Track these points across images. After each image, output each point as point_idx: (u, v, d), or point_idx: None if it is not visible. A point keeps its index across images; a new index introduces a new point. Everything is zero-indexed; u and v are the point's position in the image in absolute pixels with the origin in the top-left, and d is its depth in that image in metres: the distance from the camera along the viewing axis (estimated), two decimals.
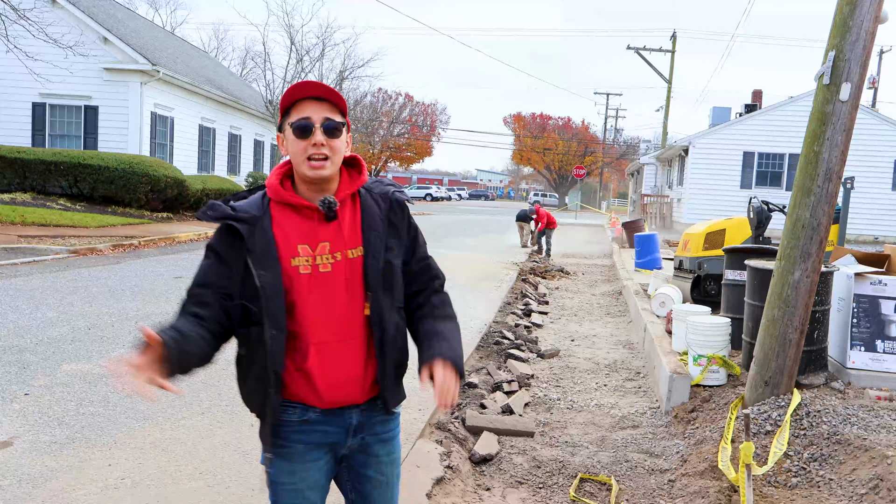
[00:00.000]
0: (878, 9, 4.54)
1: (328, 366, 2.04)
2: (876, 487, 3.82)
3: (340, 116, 2.05)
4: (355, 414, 2.13)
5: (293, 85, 2.04)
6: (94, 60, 21.18)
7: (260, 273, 1.99)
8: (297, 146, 2.01)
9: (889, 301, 5.37)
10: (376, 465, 2.22)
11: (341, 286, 2.05)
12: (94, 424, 4.79)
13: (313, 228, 2.05)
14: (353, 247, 2.07)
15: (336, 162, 2.05)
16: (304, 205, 2.05)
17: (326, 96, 2.03)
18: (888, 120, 27.30)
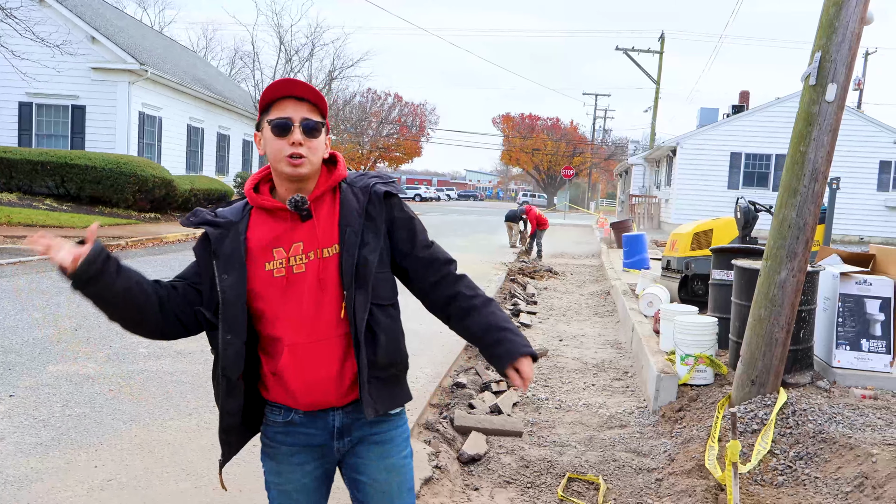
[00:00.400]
0: (863, 10, 4.58)
1: (301, 367, 2.00)
2: (861, 485, 3.85)
3: (320, 117, 2.03)
4: (338, 416, 2.08)
5: (273, 83, 2.01)
6: (82, 60, 21.07)
7: (222, 277, 1.98)
8: (276, 144, 1.98)
9: (874, 300, 5.41)
10: (368, 471, 2.12)
11: (313, 286, 2.00)
12: (80, 426, 4.76)
13: (287, 230, 2.02)
14: (327, 245, 2.02)
15: (314, 161, 2.01)
16: (277, 206, 2.02)
17: (306, 96, 2.01)
18: (874, 121, 27.54)
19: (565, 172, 48.88)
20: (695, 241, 9.47)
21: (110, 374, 5.91)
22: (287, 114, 1.98)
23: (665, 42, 38.84)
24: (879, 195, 27.16)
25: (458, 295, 2.13)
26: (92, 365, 6.14)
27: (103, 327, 7.48)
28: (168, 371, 6.10)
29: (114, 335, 7.18)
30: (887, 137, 27.00)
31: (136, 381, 5.77)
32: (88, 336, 7.10)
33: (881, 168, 27.07)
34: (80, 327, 7.43)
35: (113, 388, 5.57)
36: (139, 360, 6.36)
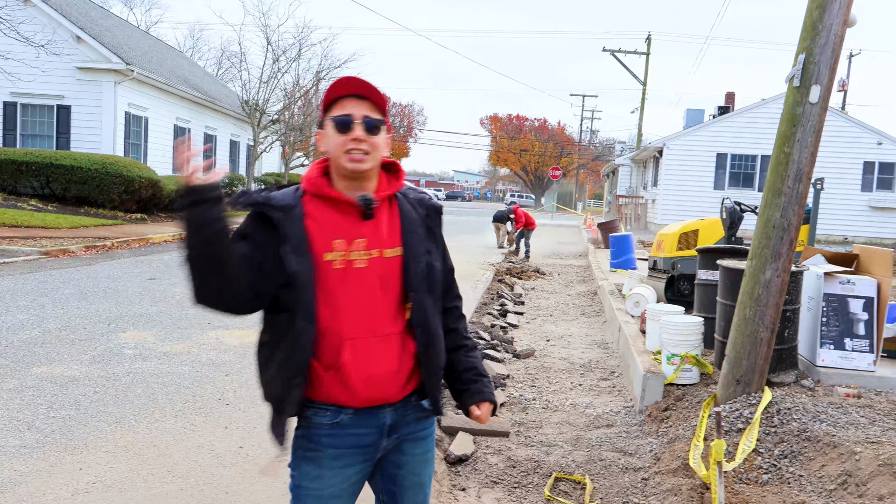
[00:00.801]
0: (846, 13, 4.62)
1: (362, 362, 2.01)
2: (844, 483, 3.88)
3: (380, 114, 2.07)
4: (389, 413, 2.10)
5: (336, 81, 2.07)
6: (67, 59, 20.92)
7: (293, 261, 1.97)
8: (337, 140, 2.03)
9: (857, 300, 5.46)
10: (409, 465, 2.19)
11: (376, 283, 2.04)
12: (65, 428, 4.73)
13: (350, 224, 2.05)
14: (390, 247, 2.07)
15: (375, 158, 2.06)
16: (343, 199, 2.05)
17: (368, 95, 2.06)
18: (858, 122, 27.77)
19: (553, 173, 48.98)
20: (681, 242, 9.52)
21: (95, 376, 5.87)
22: (349, 111, 2.03)
23: (652, 43, 39.05)
24: (863, 195, 27.41)
25: (456, 330, 2.28)
26: (77, 366, 6.10)
27: (88, 329, 7.43)
28: (154, 372, 6.07)
29: (98, 337, 7.13)
30: (871, 138, 27.24)
31: (121, 383, 5.74)
32: (73, 337, 7.05)
33: (865, 169, 27.32)
34: (65, 329, 7.38)
35: (98, 390, 5.53)
36: (125, 362, 6.33)
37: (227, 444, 4.65)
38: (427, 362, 2.10)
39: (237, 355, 6.76)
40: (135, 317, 8.15)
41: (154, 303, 8.99)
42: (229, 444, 4.65)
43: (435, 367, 2.13)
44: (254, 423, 5.02)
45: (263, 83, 30.13)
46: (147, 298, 9.24)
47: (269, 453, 4.52)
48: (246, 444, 4.64)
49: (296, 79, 33.37)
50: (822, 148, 5.05)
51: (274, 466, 4.26)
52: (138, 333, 7.40)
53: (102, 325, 7.66)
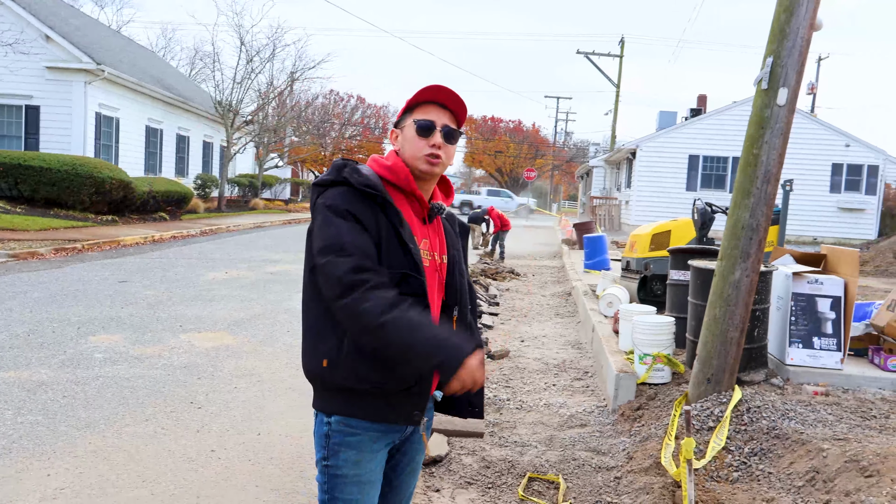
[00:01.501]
0: (812, 17, 4.69)
1: None
2: (812, 480, 3.94)
3: (457, 125, 2.19)
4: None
5: (425, 87, 2.15)
6: (36, 59, 20.63)
7: (412, 248, 2.06)
8: (418, 143, 2.13)
9: (825, 299, 5.54)
10: (410, 452, 2.29)
11: (435, 283, 2.16)
12: (33, 433, 4.66)
13: (419, 223, 2.17)
14: (443, 253, 2.22)
15: (445, 165, 2.17)
16: (422, 198, 2.17)
17: (451, 106, 2.17)
18: (826, 125, 28.22)
19: (527, 174, 49.22)
20: (653, 242, 9.60)
21: (64, 381, 5.79)
22: (432, 117, 2.14)
23: (625, 46, 39.35)
24: (832, 197, 27.83)
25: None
26: (45, 371, 6.01)
27: (57, 332, 7.33)
28: (125, 376, 6.00)
29: (68, 340, 7.03)
30: (839, 141, 27.67)
31: (91, 387, 5.66)
32: (42, 341, 6.95)
33: (833, 170, 27.73)
34: (34, 332, 7.27)
35: (67, 395, 5.46)
36: (94, 366, 6.25)
37: (199, 447, 4.61)
38: None
39: (209, 358, 6.70)
40: (105, 320, 8.05)
41: (125, 306, 8.88)
42: (201, 447, 4.61)
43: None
44: (226, 427, 4.98)
45: (237, 84, 29.94)
46: (118, 301, 9.13)
47: (243, 457, 4.49)
48: (218, 448, 4.60)
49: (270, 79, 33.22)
50: (792, 150, 5.13)
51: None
52: (109, 337, 7.31)
53: (72, 328, 7.55)
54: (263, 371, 6.41)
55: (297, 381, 6.02)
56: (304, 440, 4.80)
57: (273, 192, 40.53)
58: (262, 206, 33.09)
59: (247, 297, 9.94)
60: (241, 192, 34.58)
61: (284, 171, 44.06)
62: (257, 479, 4.19)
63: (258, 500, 3.94)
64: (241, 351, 7.06)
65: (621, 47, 39.17)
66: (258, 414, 5.30)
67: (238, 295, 10.08)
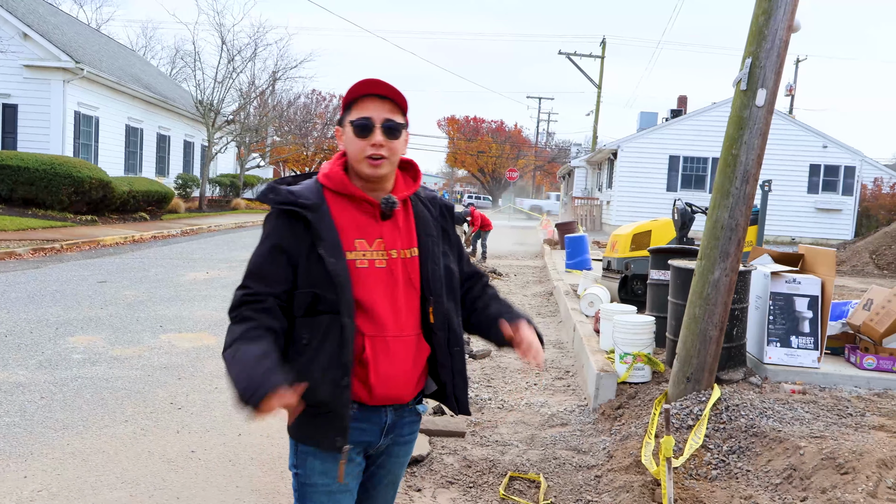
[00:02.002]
0: (790, 19, 4.74)
1: (381, 360, 2.02)
2: (790, 477, 3.98)
3: (401, 116, 2.06)
4: (390, 413, 2.11)
5: (357, 82, 2.04)
6: (13, 57, 20.40)
7: (331, 262, 1.96)
8: (357, 144, 2.03)
9: (803, 298, 5.60)
10: (390, 466, 2.24)
11: (398, 283, 2.06)
12: (10, 435, 4.61)
13: (370, 224, 2.06)
14: (407, 247, 2.09)
15: (394, 162, 2.06)
16: (366, 199, 2.05)
17: (389, 95, 2.04)
18: (804, 126, 28.52)
19: (510, 175, 49.29)
20: (634, 242, 9.66)
21: (42, 382, 5.73)
22: (369, 113, 2.02)
23: (606, 47, 39.56)
24: (810, 197, 28.14)
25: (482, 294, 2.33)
26: (23, 372, 5.95)
27: (35, 333, 7.25)
28: (103, 377, 5.95)
29: (46, 341, 6.96)
30: (817, 142, 27.99)
31: (69, 388, 5.61)
32: (20, 342, 6.87)
33: (811, 171, 28.05)
34: (11, 333, 7.19)
35: (45, 396, 5.40)
36: (73, 367, 6.19)
37: (179, 448, 4.58)
38: (452, 364, 2.15)
39: (190, 359, 6.66)
40: (84, 320, 7.97)
41: (104, 306, 8.81)
42: (181, 448, 4.58)
43: (459, 368, 2.18)
44: (206, 427, 4.95)
45: (218, 83, 29.76)
46: (97, 302, 9.05)
47: (223, 458, 4.47)
48: (198, 449, 4.58)
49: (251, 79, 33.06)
50: (770, 151, 5.18)
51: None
52: (87, 337, 7.24)
53: (50, 329, 7.48)
54: None
55: None
56: (285, 440, 4.78)
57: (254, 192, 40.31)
58: (244, 206, 32.93)
59: (227, 297, 9.81)
60: (222, 192, 34.38)
61: (266, 170, 43.89)
62: (238, 480, 4.17)
63: (239, 501, 3.92)
64: (221, 351, 7.01)
65: (602, 48, 39.37)
66: (238, 415, 5.27)
67: (219, 295, 10.02)
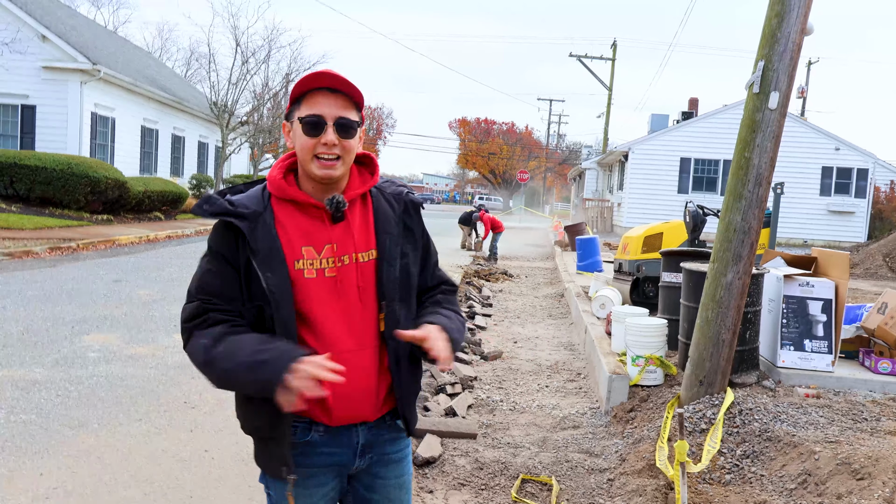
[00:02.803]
0: (803, 22, 4.73)
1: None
2: (804, 482, 3.96)
3: (356, 112, 1.90)
4: (362, 432, 1.96)
5: (308, 74, 1.86)
6: (32, 58, 20.59)
7: (266, 276, 1.81)
8: (306, 143, 1.84)
9: (816, 302, 5.57)
10: (383, 489, 2.05)
11: (351, 292, 1.89)
12: (26, 432, 4.66)
13: (319, 229, 1.88)
14: (363, 250, 1.92)
15: (347, 162, 1.89)
16: (310, 203, 1.88)
17: (343, 89, 1.86)
18: (816, 128, 28.36)
19: (520, 176, 49.28)
20: (645, 244, 9.63)
21: (58, 380, 5.78)
22: (320, 110, 1.84)
23: (617, 49, 39.48)
24: (822, 199, 27.99)
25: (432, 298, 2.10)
26: (39, 370, 6.01)
27: (51, 331, 7.32)
28: (119, 375, 6.00)
29: (62, 339, 7.02)
30: (829, 144, 27.83)
31: (85, 386, 5.66)
32: (36, 340, 6.94)
33: (823, 173, 27.89)
34: (28, 331, 7.26)
35: (61, 394, 5.45)
36: (88, 365, 6.24)
37: (193, 448, 4.61)
38: (399, 377, 1.95)
39: None
40: (99, 319, 8.04)
41: (119, 305, 8.87)
42: (194, 447, 4.61)
43: (407, 382, 1.97)
44: (219, 427, 4.99)
45: (232, 85, 29.90)
46: (112, 300, 9.11)
47: (236, 457, 4.50)
48: (212, 448, 4.61)
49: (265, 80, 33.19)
50: (782, 153, 5.16)
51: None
52: (103, 336, 7.30)
53: (66, 327, 7.54)
54: None
55: None
56: None
57: None
58: None
59: None
60: None
61: None
62: (250, 479, 4.19)
63: (251, 501, 3.95)
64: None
65: (613, 50, 39.28)
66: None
67: None
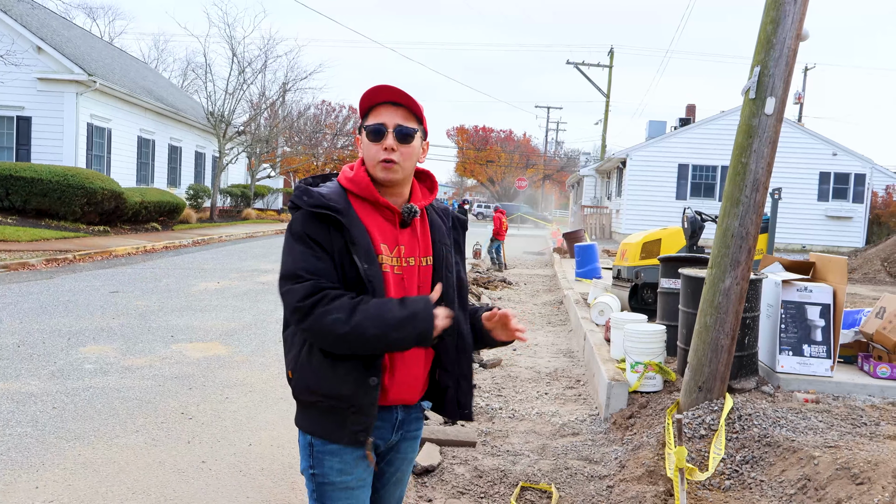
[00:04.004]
0: (798, 27, 4.74)
1: (398, 365, 2.09)
2: (804, 487, 3.94)
3: (416, 123, 2.09)
4: (401, 410, 2.18)
5: (370, 88, 2.07)
6: (27, 70, 20.61)
7: (364, 266, 2.00)
8: (371, 149, 2.06)
9: (814, 307, 5.57)
10: (398, 462, 2.28)
11: (412, 290, 2.10)
12: (22, 445, 4.63)
13: (391, 230, 2.10)
14: (424, 255, 2.15)
15: (407, 168, 2.09)
16: (388, 205, 2.08)
17: (403, 102, 2.07)
18: (813, 134, 28.42)
19: (519, 184, 49.32)
20: (644, 251, 9.63)
21: (54, 392, 5.76)
22: (382, 119, 2.06)
23: (614, 56, 39.57)
24: (820, 205, 28.01)
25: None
26: (35, 382, 5.98)
27: (47, 343, 7.29)
28: (115, 387, 5.97)
29: (58, 351, 7.00)
30: (826, 149, 27.88)
31: (81, 399, 5.64)
32: (31, 353, 6.91)
33: (821, 179, 27.93)
34: (24, 343, 7.23)
35: (57, 406, 5.43)
36: (85, 377, 6.21)
37: (190, 459, 4.58)
38: (460, 369, 2.20)
39: (200, 369, 6.68)
40: (95, 331, 8.01)
41: (116, 316, 8.85)
42: (192, 459, 4.58)
43: (467, 373, 2.23)
44: (217, 437, 4.96)
45: (229, 95, 29.96)
46: (109, 312, 9.09)
47: (234, 468, 4.47)
48: (209, 459, 4.59)
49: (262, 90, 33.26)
50: (780, 159, 5.16)
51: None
52: (99, 347, 7.27)
53: (62, 339, 7.52)
54: (255, 381, 6.39)
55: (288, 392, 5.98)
56: (295, 451, 4.78)
57: (265, 202, 40.50)
58: (255, 216, 33.05)
59: (238, 307, 9.91)
60: (233, 203, 34.53)
61: (277, 181, 44.05)
62: (248, 491, 4.18)
63: None
64: (232, 361, 7.04)
65: (610, 58, 39.38)
66: (249, 424, 5.28)
67: (230, 305, 10.05)
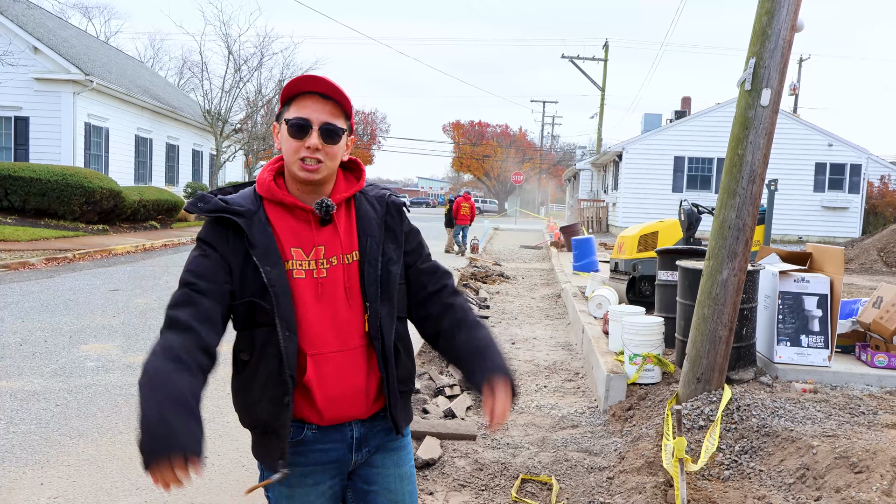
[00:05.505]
0: (793, 18, 4.76)
1: (327, 378, 1.88)
2: (803, 476, 3.98)
3: (343, 119, 1.92)
4: (356, 427, 1.97)
5: (298, 77, 1.89)
6: (24, 70, 20.60)
7: (266, 269, 1.82)
8: (291, 145, 1.87)
9: (811, 297, 5.60)
10: (381, 480, 2.04)
11: (340, 293, 1.91)
12: (26, 443, 4.66)
13: (307, 231, 1.91)
14: (348, 251, 1.94)
15: (330, 167, 1.91)
16: (298, 205, 1.90)
17: (332, 95, 1.88)
18: (809, 125, 28.47)
19: (515, 178, 49.35)
20: (641, 244, 9.66)
21: (57, 390, 5.78)
22: (307, 114, 1.86)
23: (609, 50, 39.61)
24: (816, 196, 28.09)
25: (450, 309, 2.10)
26: (38, 380, 6.01)
27: (49, 342, 7.31)
28: (117, 385, 6.00)
29: (60, 349, 7.02)
30: (822, 140, 27.94)
31: (84, 396, 5.66)
32: (34, 351, 6.93)
33: (817, 170, 28.00)
34: (26, 342, 7.25)
35: (60, 404, 5.45)
36: (87, 375, 6.24)
37: None
38: (384, 375, 1.95)
39: None
40: (97, 329, 8.04)
41: (117, 314, 8.87)
42: None
43: (393, 382, 1.96)
44: (219, 433, 4.99)
45: (225, 92, 29.92)
46: (110, 310, 9.11)
47: (235, 463, 4.50)
48: (212, 454, 4.61)
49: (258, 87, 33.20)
50: (776, 150, 5.19)
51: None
52: (100, 345, 7.30)
53: (64, 337, 7.54)
54: None
55: None
56: None
57: None
58: None
59: None
60: None
61: None
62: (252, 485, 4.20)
63: None
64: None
65: (605, 51, 39.37)
66: None
67: None
